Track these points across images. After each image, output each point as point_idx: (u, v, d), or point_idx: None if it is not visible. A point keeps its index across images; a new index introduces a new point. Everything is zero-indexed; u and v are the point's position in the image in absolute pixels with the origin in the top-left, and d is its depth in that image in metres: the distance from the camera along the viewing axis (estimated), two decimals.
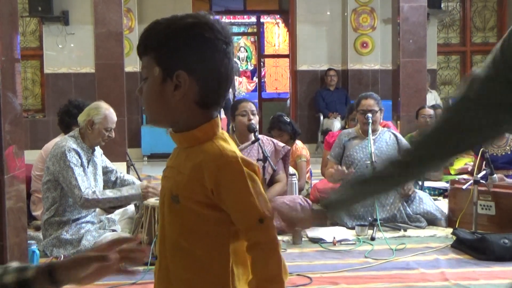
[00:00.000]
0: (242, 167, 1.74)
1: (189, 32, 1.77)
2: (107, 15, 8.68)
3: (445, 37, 12.83)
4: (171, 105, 1.77)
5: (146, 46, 1.81)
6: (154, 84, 1.78)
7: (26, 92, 11.98)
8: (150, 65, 1.78)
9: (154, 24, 1.82)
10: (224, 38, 1.78)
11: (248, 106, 5.84)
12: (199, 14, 1.83)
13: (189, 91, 1.75)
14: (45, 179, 4.98)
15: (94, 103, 5.19)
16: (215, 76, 1.77)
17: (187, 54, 1.75)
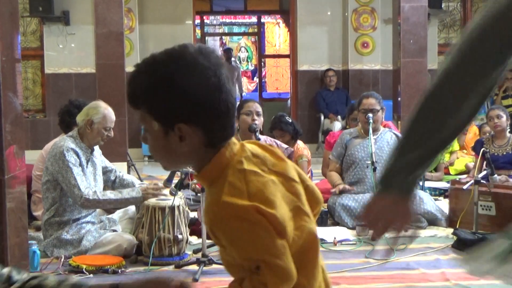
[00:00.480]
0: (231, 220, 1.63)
1: (176, 80, 1.65)
2: (108, 15, 8.68)
3: (445, 37, 12.83)
4: (181, 155, 1.72)
5: (136, 101, 1.72)
6: (158, 138, 1.71)
7: (26, 92, 11.98)
8: (146, 119, 1.71)
9: (136, 73, 1.71)
10: (213, 71, 1.66)
11: (254, 107, 5.82)
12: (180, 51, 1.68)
13: (195, 138, 1.68)
14: (44, 179, 4.98)
15: (92, 103, 5.18)
16: (215, 115, 1.68)
17: (179, 106, 1.66)
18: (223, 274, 4.52)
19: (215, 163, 1.71)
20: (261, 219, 1.61)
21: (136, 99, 1.71)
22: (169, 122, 1.67)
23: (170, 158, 1.76)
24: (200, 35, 14.78)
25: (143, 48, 11.84)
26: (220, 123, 1.70)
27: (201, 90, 1.65)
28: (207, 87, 1.65)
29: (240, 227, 1.62)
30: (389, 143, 6.20)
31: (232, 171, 1.68)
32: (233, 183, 1.66)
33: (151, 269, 4.61)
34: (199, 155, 1.72)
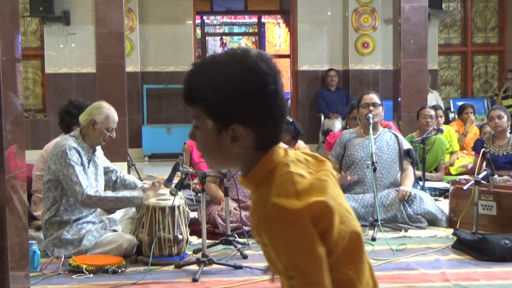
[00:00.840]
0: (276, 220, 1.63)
1: (236, 83, 1.67)
2: (108, 15, 8.68)
3: (446, 38, 12.83)
4: (230, 156, 1.73)
5: (193, 98, 1.75)
6: (209, 137, 1.72)
7: (27, 92, 11.99)
8: (201, 117, 1.72)
9: (199, 71, 1.74)
10: (272, 78, 1.70)
11: None
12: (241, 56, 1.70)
13: (247, 140, 1.70)
14: (45, 178, 4.98)
15: (96, 103, 5.19)
16: (270, 120, 1.71)
17: (239, 107, 1.68)
18: (223, 274, 4.53)
19: (263, 166, 1.73)
20: (307, 225, 1.62)
21: (194, 97, 1.74)
22: (224, 122, 1.69)
23: (219, 158, 1.76)
24: (200, 35, 14.78)
25: (144, 48, 11.85)
26: (273, 128, 1.73)
27: (261, 94, 1.68)
28: (266, 91, 1.68)
29: (284, 230, 1.62)
30: (388, 143, 6.20)
31: (279, 173, 1.70)
32: (281, 184, 1.67)
33: (151, 269, 4.62)
34: (248, 157, 1.73)
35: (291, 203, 1.62)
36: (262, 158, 1.73)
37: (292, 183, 1.67)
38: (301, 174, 1.70)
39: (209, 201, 5.76)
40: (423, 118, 7.96)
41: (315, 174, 1.74)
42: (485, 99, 12.54)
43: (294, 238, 1.62)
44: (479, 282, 4.40)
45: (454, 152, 8.84)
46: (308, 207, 1.62)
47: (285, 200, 1.63)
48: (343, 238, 1.70)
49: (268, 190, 1.67)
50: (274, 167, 1.72)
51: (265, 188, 1.69)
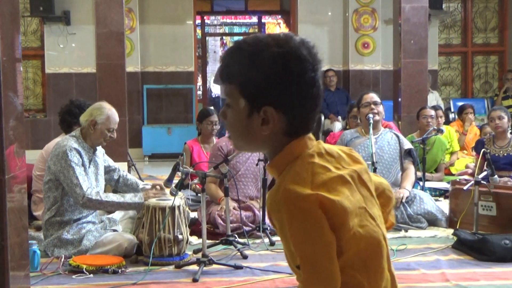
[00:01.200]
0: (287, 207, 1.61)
1: (276, 65, 1.65)
2: (109, 15, 8.68)
3: (446, 38, 12.83)
4: (258, 138, 1.71)
5: (230, 75, 1.71)
6: (240, 116, 1.70)
7: (27, 92, 11.99)
8: (234, 95, 1.70)
9: (237, 50, 1.71)
10: (312, 65, 1.68)
11: None
12: (285, 39, 1.70)
13: (277, 124, 1.68)
14: (46, 178, 4.98)
15: (97, 103, 5.19)
16: (303, 107, 1.69)
17: (274, 89, 1.66)
18: (223, 274, 4.53)
19: (288, 153, 1.71)
20: (316, 211, 1.60)
21: (231, 74, 1.71)
22: (258, 103, 1.67)
23: (246, 139, 1.73)
24: (200, 35, 14.78)
25: (144, 48, 11.85)
26: (305, 116, 1.70)
27: (298, 80, 1.66)
28: (304, 79, 1.67)
29: (291, 215, 1.60)
30: (389, 143, 6.20)
31: (301, 161, 1.69)
32: (299, 172, 1.66)
33: (151, 269, 4.61)
34: (276, 142, 1.71)
35: (302, 190, 1.61)
36: (288, 145, 1.71)
37: (311, 174, 1.66)
38: (325, 166, 1.69)
39: (209, 201, 5.76)
40: (424, 118, 7.96)
41: (341, 170, 1.71)
42: (485, 100, 12.54)
43: (301, 223, 1.60)
44: (479, 282, 4.40)
45: (454, 152, 8.84)
46: (319, 197, 1.60)
47: (297, 186, 1.62)
48: (358, 241, 1.66)
49: (285, 177, 1.66)
50: (298, 155, 1.70)
51: (284, 175, 1.68)
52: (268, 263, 4.80)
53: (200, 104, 13.29)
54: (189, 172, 4.86)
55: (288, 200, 1.61)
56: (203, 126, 6.98)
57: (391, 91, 10.04)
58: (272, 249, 5.19)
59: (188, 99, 12.14)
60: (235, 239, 5.15)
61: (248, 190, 5.88)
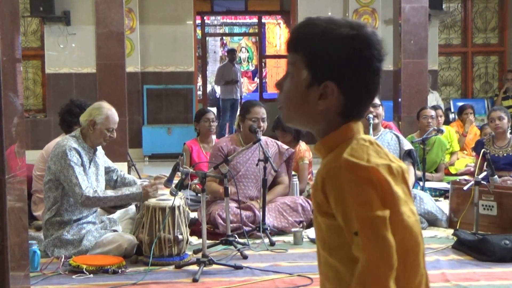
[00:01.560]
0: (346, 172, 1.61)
1: (346, 44, 1.68)
2: (109, 15, 8.68)
3: (446, 38, 12.83)
4: (312, 112, 1.72)
5: (298, 45, 1.73)
6: (299, 86, 1.71)
7: (27, 92, 11.99)
8: (298, 65, 1.72)
9: (311, 24, 1.73)
10: (379, 56, 1.71)
11: (261, 113, 5.85)
12: (359, 24, 1.72)
13: (334, 102, 1.69)
14: (46, 178, 4.98)
15: (96, 103, 5.19)
16: (363, 91, 1.70)
17: (340, 66, 1.68)
18: (223, 275, 4.53)
19: (343, 132, 1.71)
20: (375, 182, 1.61)
21: (299, 44, 1.72)
22: (321, 75, 1.68)
23: (299, 111, 1.73)
24: (200, 36, 14.78)
25: (144, 48, 11.85)
26: (363, 101, 1.72)
27: (364, 64, 1.68)
28: (370, 65, 1.69)
29: (353, 182, 1.60)
30: (389, 144, 6.20)
31: (356, 142, 1.69)
32: (356, 149, 1.66)
33: (151, 269, 4.62)
34: (328, 119, 1.72)
35: (361, 162, 1.62)
36: (343, 125, 1.71)
37: (367, 154, 1.66)
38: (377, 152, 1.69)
39: (209, 201, 5.76)
40: (424, 118, 7.96)
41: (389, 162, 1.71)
42: (485, 100, 12.55)
43: (363, 191, 1.60)
44: (479, 282, 4.40)
45: (454, 153, 8.84)
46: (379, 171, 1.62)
47: (356, 159, 1.62)
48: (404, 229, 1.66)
49: (340, 152, 1.65)
50: (352, 137, 1.71)
51: (337, 151, 1.68)
52: (268, 263, 4.81)
53: (200, 104, 13.29)
54: (189, 172, 4.87)
55: (349, 168, 1.61)
56: (200, 125, 7.01)
57: (391, 91, 10.04)
58: (272, 249, 5.20)
59: (188, 99, 12.14)
60: (235, 239, 5.15)
61: (248, 190, 5.88)
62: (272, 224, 5.63)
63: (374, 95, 1.74)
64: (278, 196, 5.94)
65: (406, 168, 1.77)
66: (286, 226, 5.69)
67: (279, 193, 5.97)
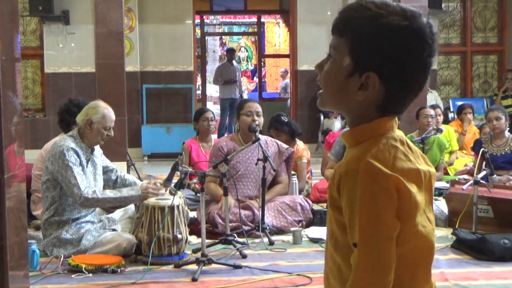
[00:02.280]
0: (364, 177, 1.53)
1: (396, 35, 1.57)
2: (108, 15, 8.68)
3: (445, 37, 12.83)
4: (349, 101, 1.63)
5: (344, 28, 1.63)
6: (339, 73, 1.62)
7: (26, 91, 11.98)
8: (341, 50, 1.63)
9: (361, 7, 1.61)
10: (430, 51, 1.61)
11: (254, 107, 5.86)
12: (413, 14, 1.60)
13: (374, 95, 1.59)
14: (44, 178, 4.98)
15: (92, 103, 5.18)
16: (406, 87, 1.61)
17: (386, 58, 1.58)
18: (223, 274, 4.53)
19: (375, 126, 1.63)
20: (392, 192, 1.53)
21: (346, 27, 1.63)
22: (364, 65, 1.59)
23: (337, 97, 1.65)
24: (200, 35, 14.78)
25: (143, 47, 11.85)
26: (404, 97, 1.63)
27: (412, 58, 1.59)
28: (419, 58, 1.60)
29: (367, 187, 1.52)
30: None
31: (386, 141, 1.61)
32: (383, 151, 1.58)
33: (151, 269, 4.62)
34: (364, 111, 1.63)
35: (384, 168, 1.54)
36: (377, 119, 1.63)
37: (393, 157, 1.59)
38: (406, 155, 1.62)
39: (208, 200, 5.76)
40: (424, 118, 7.96)
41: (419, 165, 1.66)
42: (484, 99, 12.55)
43: (374, 199, 1.52)
44: (478, 282, 4.40)
45: (453, 152, 8.85)
46: (400, 181, 1.54)
47: (380, 163, 1.54)
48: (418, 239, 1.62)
49: (367, 150, 1.58)
50: (383, 133, 1.63)
51: (364, 147, 1.60)
52: (267, 263, 4.81)
53: (199, 103, 13.29)
54: (188, 172, 4.87)
55: (368, 172, 1.53)
56: (199, 124, 7.03)
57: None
58: (271, 249, 5.20)
59: (187, 98, 12.14)
60: (234, 238, 5.16)
61: (247, 190, 5.88)
62: (271, 223, 5.63)
63: (418, 92, 1.65)
64: (277, 195, 5.94)
65: (434, 172, 1.73)
66: (285, 226, 5.69)
67: (278, 193, 5.98)
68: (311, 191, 6.96)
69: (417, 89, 1.63)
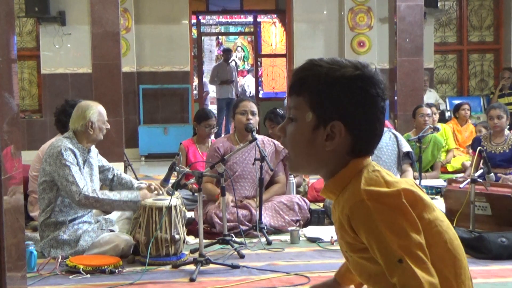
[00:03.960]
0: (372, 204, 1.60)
1: (352, 84, 1.69)
2: (104, 15, 8.67)
3: (441, 36, 12.84)
4: (319, 154, 1.70)
5: (302, 88, 1.71)
6: (304, 130, 1.70)
7: (23, 92, 11.97)
8: (301, 108, 1.71)
9: (313, 65, 1.73)
10: (383, 94, 1.72)
11: (249, 106, 5.85)
12: (361, 64, 1.74)
13: (342, 141, 1.68)
14: (40, 180, 4.97)
15: (82, 106, 5.10)
16: (370, 130, 1.71)
17: (347, 106, 1.67)
18: (220, 274, 4.53)
19: (352, 167, 1.70)
20: (404, 204, 1.60)
21: (303, 86, 1.71)
22: (327, 116, 1.67)
23: (307, 154, 1.71)
24: (196, 35, 14.77)
25: (139, 48, 11.84)
26: (370, 138, 1.72)
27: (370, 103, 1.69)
28: (375, 103, 1.70)
29: (380, 211, 1.58)
30: (387, 144, 6.20)
31: (367, 170, 1.69)
32: (370, 178, 1.66)
33: (148, 269, 4.61)
34: (337, 159, 1.70)
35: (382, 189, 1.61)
36: (352, 161, 1.71)
37: (381, 177, 1.66)
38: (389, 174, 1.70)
39: (206, 200, 5.76)
40: (421, 116, 7.97)
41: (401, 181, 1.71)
42: (481, 98, 12.57)
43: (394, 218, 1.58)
44: (476, 280, 4.40)
45: (450, 150, 8.86)
46: (402, 190, 1.61)
47: (375, 187, 1.62)
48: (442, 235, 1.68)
49: (356, 185, 1.65)
50: (362, 169, 1.70)
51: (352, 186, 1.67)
52: (265, 262, 4.81)
53: (196, 103, 13.29)
54: (186, 172, 4.86)
55: (373, 199, 1.60)
56: (200, 128, 6.98)
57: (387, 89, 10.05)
58: (269, 249, 5.19)
59: (184, 99, 12.14)
60: (232, 238, 5.15)
61: (245, 191, 5.88)
62: (268, 223, 5.63)
63: (381, 132, 1.73)
64: (274, 195, 5.94)
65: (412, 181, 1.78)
66: (283, 225, 5.69)
67: (276, 192, 5.97)
68: (308, 191, 6.97)
69: (379, 129, 1.73)
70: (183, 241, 4.92)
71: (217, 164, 5.02)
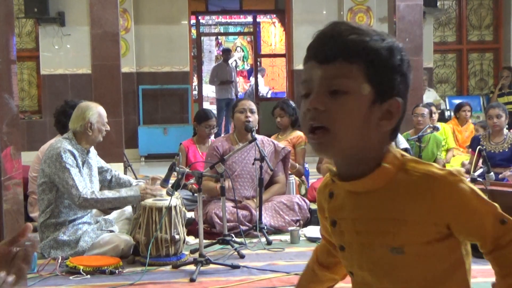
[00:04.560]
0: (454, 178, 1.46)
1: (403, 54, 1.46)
2: (103, 16, 8.67)
3: (441, 36, 12.84)
4: (371, 136, 1.44)
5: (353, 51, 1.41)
6: (360, 105, 1.41)
7: (22, 93, 11.97)
8: (355, 78, 1.41)
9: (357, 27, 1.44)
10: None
11: (247, 104, 5.87)
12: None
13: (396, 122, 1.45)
14: (40, 181, 4.98)
15: (82, 107, 5.13)
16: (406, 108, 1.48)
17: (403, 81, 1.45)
18: (220, 274, 4.53)
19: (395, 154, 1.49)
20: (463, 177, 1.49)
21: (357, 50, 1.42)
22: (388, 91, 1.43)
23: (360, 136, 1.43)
24: (195, 35, 14.77)
25: (139, 48, 11.84)
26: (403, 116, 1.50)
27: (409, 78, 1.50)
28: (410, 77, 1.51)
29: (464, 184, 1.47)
30: None
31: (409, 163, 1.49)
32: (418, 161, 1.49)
33: (148, 269, 4.61)
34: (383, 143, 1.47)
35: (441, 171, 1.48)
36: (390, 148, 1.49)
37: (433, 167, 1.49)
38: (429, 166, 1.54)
39: (206, 200, 5.76)
40: (415, 116, 7.98)
41: None
42: (480, 97, 12.57)
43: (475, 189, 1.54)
44: (476, 279, 4.40)
45: (450, 150, 8.86)
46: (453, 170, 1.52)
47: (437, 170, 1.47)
48: None
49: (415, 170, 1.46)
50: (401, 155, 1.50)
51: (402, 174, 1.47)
52: (265, 263, 4.81)
53: (196, 104, 13.29)
54: (185, 172, 4.87)
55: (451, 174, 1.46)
56: (200, 128, 6.98)
57: None
58: (269, 249, 5.20)
59: (183, 99, 12.14)
60: (232, 238, 5.15)
61: (244, 190, 5.88)
62: (268, 223, 5.63)
63: None
64: (274, 195, 5.94)
65: None
66: (282, 225, 5.69)
67: (276, 192, 5.97)
68: (308, 191, 6.97)
69: None
70: (183, 242, 4.93)
71: (217, 164, 5.02)
